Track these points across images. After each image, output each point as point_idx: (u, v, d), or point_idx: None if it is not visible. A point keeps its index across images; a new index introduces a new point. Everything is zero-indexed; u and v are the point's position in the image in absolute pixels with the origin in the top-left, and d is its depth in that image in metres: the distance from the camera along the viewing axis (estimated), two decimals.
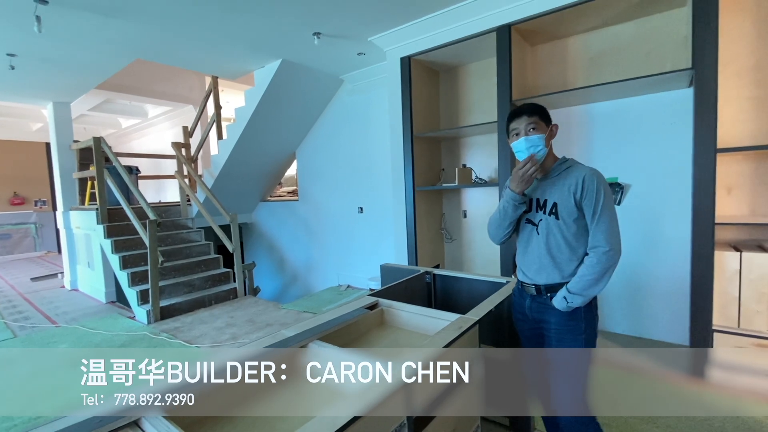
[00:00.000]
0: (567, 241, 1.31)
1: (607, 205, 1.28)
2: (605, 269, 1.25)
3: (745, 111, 2.24)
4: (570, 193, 1.30)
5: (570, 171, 1.34)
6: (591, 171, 1.31)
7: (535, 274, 1.37)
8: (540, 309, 1.38)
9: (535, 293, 1.38)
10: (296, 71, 3.96)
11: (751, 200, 2.28)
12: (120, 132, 8.31)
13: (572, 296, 1.27)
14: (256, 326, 3.44)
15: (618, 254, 1.27)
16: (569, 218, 1.30)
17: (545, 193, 1.36)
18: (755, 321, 2.02)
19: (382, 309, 1.54)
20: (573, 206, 1.29)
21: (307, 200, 5.19)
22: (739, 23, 2.21)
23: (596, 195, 1.27)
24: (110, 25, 2.90)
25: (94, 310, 4.28)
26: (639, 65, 2.55)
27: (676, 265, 2.46)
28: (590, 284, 1.25)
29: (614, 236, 1.27)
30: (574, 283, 1.28)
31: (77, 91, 4.64)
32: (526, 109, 1.35)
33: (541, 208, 1.36)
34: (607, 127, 2.68)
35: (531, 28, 2.70)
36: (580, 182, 1.28)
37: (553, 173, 1.37)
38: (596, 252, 1.27)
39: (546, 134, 1.34)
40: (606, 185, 1.30)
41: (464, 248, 3.58)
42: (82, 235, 4.92)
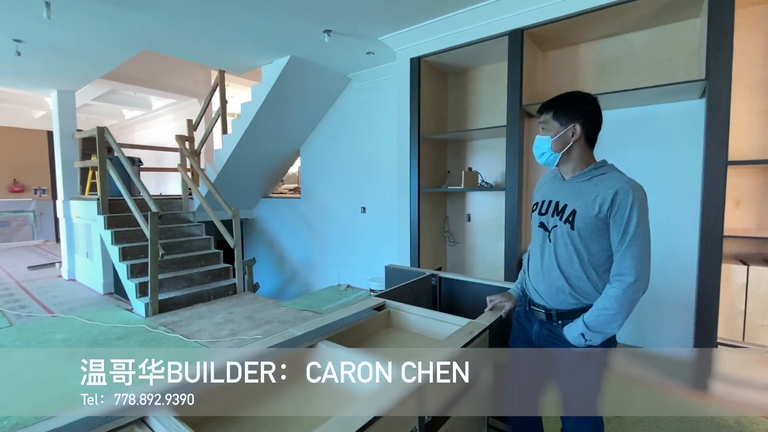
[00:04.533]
0: (579, 256, 1.16)
1: (641, 227, 1.09)
2: (630, 302, 1.09)
3: (756, 124, 2.24)
4: (595, 203, 1.12)
5: (603, 179, 1.15)
6: (628, 183, 1.12)
7: (546, 292, 1.22)
8: (550, 339, 1.22)
9: (545, 319, 1.23)
10: (304, 68, 3.95)
11: (759, 214, 2.27)
12: (123, 123, 8.28)
13: (592, 334, 1.12)
14: (255, 323, 3.42)
15: (645, 285, 1.11)
16: (585, 230, 1.14)
17: (566, 198, 1.19)
18: (761, 335, 2.01)
19: (390, 310, 1.52)
20: (594, 218, 1.12)
21: (310, 198, 5.17)
22: (751, 36, 2.21)
23: (629, 213, 1.08)
24: (120, 15, 2.87)
25: (91, 301, 4.26)
26: (650, 74, 2.54)
27: (682, 277, 2.45)
28: (612, 319, 1.10)
29: (644, 264, 1.09)
30: (593, 317, 1.12)
31: (83, 80, 4.61)
32: (545, 104, 1.21)
33: (558, 213, 1.19)
34: (616, 135, 2.66)
35: (544, 34, 2.69)
36: (610, 195, 1.10)
37: (583, 177, 1.19)
38: (622, 282, 1.10)
39: (555, 136, 1.17)
40: (644, 203, 1.11)
41: (467, 252, 3.57)
42: (81, 225, 4.89)
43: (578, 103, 1.20)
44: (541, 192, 1.32)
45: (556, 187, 1.26)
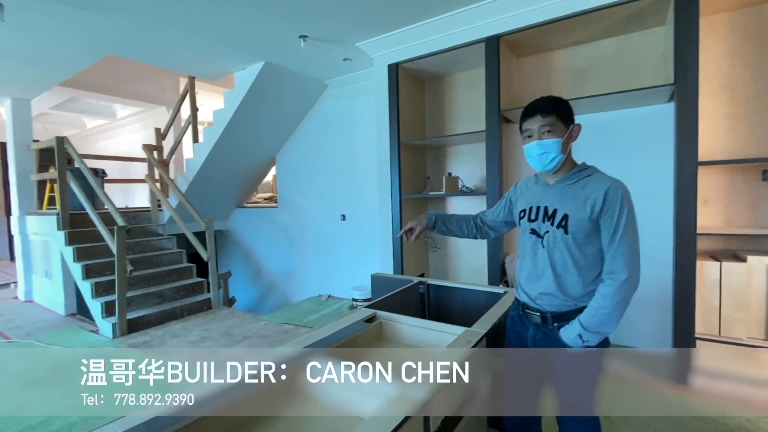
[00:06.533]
0: (574, 260, 1.16)
1: (630, 226, 1.11)
2: (624, 300, 1.10)
3: (721, 127, 2.35)
4: (587, 205, 1.13)
5: (590, 180, 1.17)
6: (615, 183, 1.14)
7: (540, 296, 1.22)
8: (546, 342, 1.21)
9: (540, 322, 1.22)
10: (279, 74, 3.86)
11: (726, 211, 2.38)
12: (84, 133, 7.86)
13: (588, 334, 1.12)
14: (233, 339, 3.27)
15: (637, 282, 1.11)
16: (579, 234, 1.15)
17: (556, 202, 1.20)
18: (735, 328, 2.09)
19: (381, 322, 1.46)
20: (587, 221, 1.13)
21: (287, 207, 5.05)
22: (714, 44, 2.33)
23: (619, 212, 1.10)
24: (82, 18, 2.71)
25: (51, 324, 3.96)
26: (621, 80, 2.63)
27: (659, 275, 2.52)
28: (607, 318, 1.10)
29: (635, 262, 1.11)
30: (588, 316, 1.12)
31: (40, 87, 4.34)
32: (541, 107, 1.18)
33: (549, 218, 1.20)
34: (589, 139, 2.71)
35: (518, 41, 2.75)
36: (601, 195, 1.12)
37: (569, 180, 1.20)
38: (614, 280, 1.10)
39: (563, 138, 1.16)
40: (631, 202, 1.13)
41: (449, 257, 3.56)
42: (39, 242, 4.56)
43: (567, 104, 1.22)
44: (526, 198, 1.32)
45: (540, 192, 1.26)
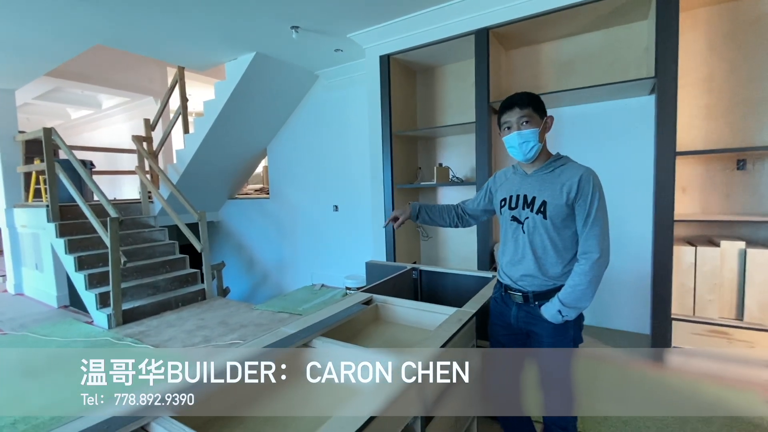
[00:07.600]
0: (553, 243, 1.26)
1: (601, 209, 1.22)
2: (597, 276, 1.20)
3: (698, 118, 2.46)
4: (563, 192, 1.23)
5: (565, 169, 1.28)
6: (587, 171, 1.25)
7: (521, 278, 1.31)
8: (528, 320, 1.31)
9: (522, 302, 1.32)
10: (270, 65, 3.86)
11: (702, 199, 2.50)
12: (69, 123, 7.70)
13: (567, 309, 1.22)
14: (229, 328, 3.33)
15: (607, 261, 1.22)
16: (557, 219, 1.25)
17: (534, 190, 1.30)
18: (708, 309, 2.23)
19: (377, 304, 1.55)
20: (563, 206, 1.24)
21: (279, 198, 5.07)
22: (693, 38, 2.42)
23: (591, 197, 1.21)
24: (70, 7, 2.68)
25: (44, 316, 3.96)
26: (605, 73, 2.72)
27: (638, 260, 2.66)
28: (583, 294, 1.20)
29: (605, 242, 1.22)
30: (566, 293, 1.22)
31: (24, 77, 4.25)
32: (518, 100, 1.27)
33: (529, 205, 1.29)
34: (575, 130, 2.83)
35: (507, 33, 2.81)
36: (575, 182, 1.22)
37: (545, 169, 1.30)
38: (588, 258, 1.21)
39: (540, 128, 1.27)
40: (601, 188, 1.25)
41: (440, 246, 3.65)
42: (28, 235, 4.52)
43: (540, 98, 1.33)
44: (506, 188, 1.42)
45: (519, 181, 1.36)
